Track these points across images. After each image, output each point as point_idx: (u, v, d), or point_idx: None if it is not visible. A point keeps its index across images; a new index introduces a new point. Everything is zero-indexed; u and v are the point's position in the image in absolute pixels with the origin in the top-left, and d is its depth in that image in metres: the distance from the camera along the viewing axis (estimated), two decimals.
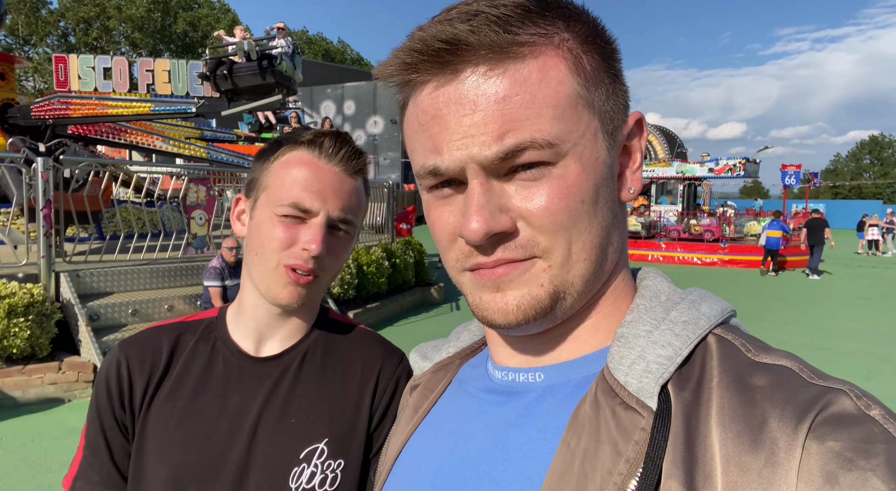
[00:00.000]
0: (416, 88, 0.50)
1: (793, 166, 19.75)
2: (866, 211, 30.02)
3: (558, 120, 0.47)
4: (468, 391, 0.61)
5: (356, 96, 34.34)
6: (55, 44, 44.53)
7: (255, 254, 0.91)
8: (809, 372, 0.44)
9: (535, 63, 0.47)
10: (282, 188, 0.89)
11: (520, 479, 0.49)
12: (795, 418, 0.40)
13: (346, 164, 0.92)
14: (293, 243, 0.88)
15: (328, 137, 0.91)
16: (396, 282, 9.65)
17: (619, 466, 0.43)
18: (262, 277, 0.90)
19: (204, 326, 0.98)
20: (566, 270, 0.49)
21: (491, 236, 0.48)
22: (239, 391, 0.91)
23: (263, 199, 0.91)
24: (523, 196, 0.48)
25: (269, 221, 0.89)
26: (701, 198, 24.94)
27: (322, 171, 0.90)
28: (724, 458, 0.40)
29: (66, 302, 5.68)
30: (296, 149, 0.91)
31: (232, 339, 0.96)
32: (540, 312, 0.50)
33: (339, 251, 0.93)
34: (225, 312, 1.00)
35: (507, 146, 0.46)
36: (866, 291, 12.74)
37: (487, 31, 0.45)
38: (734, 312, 0.54)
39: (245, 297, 0.96)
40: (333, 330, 1.02)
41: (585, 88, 0.48)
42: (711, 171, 20.97)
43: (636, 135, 0.54)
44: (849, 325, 8.94)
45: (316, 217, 0.89)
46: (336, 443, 0.91)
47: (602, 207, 0.50)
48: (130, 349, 0.94)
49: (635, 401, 0.45)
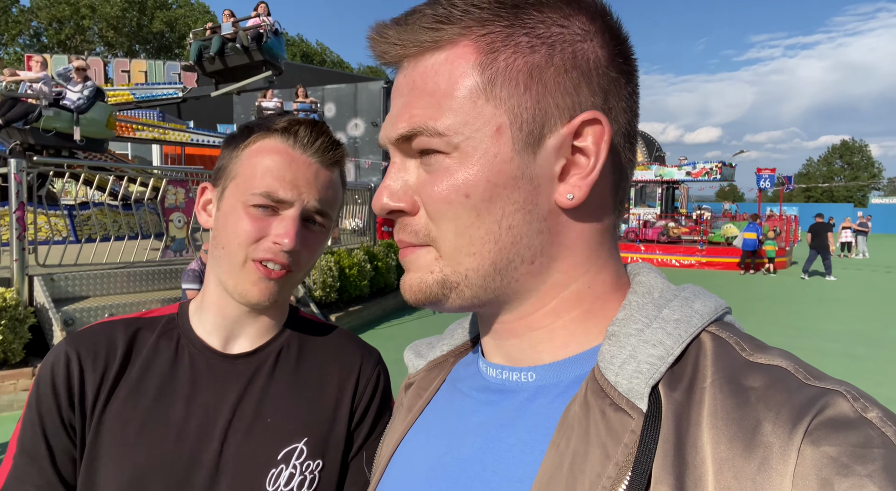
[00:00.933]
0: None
1: (767, 170, 20.16)
2: (838, 214, 30.77)
3: (454, 111, 0.48)
4: (461, 390, 0.61)
5: (336, 99, 34.19)
6: (27, 43, 43.53)
7: (222, 247, 0.85)
8: (805, 372, 0.43)
9: (444, 54, 0.49)
10: (253, 177, 0.83)
11: (509, 481, 0.48)
12: (791, 422, 0.39)
13: (323, 155, 0.87)
14: (263, 236, 0.83)
15: (303, 126, 0.86)
16: (378, 285, 9.61)
17: (608, 469, 0.42)
18: (230, 272, 0.84)
19: (164, 322, 0.91)
20: (455, 261, 0.50)
21: (391, 213, 0.52)
22: (208, 390, 0.86)
23: (232, 189, 0.85)
24: (421, 180, 0.51)
25: (238, 212, 0.83)
26: (679, 201, 25.32)
27: (296, 162, 0.85)
28: (717, 462, 0.39)
29: (39, 306, 5.54)
30: (268, 136, 0.86)
31: (198, 335, 0.89)
32: (430, 297, 0.52)
33: (314, 245, 0.88)
34: (186, 308, 0.93)
35: (400, 130, 0.50)
36: (840, 292, 13.03)
37: (419, 26, 0.49)
38: (729, 309, 0.52)
39: (210, 293, 0.90)
40: (306, 328, 0.98)
41: (491, 84, 0.47)
42: (689, 174, 21.33)
43: (589, 136, 0.48)
44: (824, 325, 9.14)
45: (289, 209, 0.83)
46: (315, 443, 0.88)
47: (503, 206, 0.48)
48: (81, 343, 0.86)
49: (625, 402, 0.44)
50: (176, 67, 14.64)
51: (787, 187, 23.51)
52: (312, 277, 7.98)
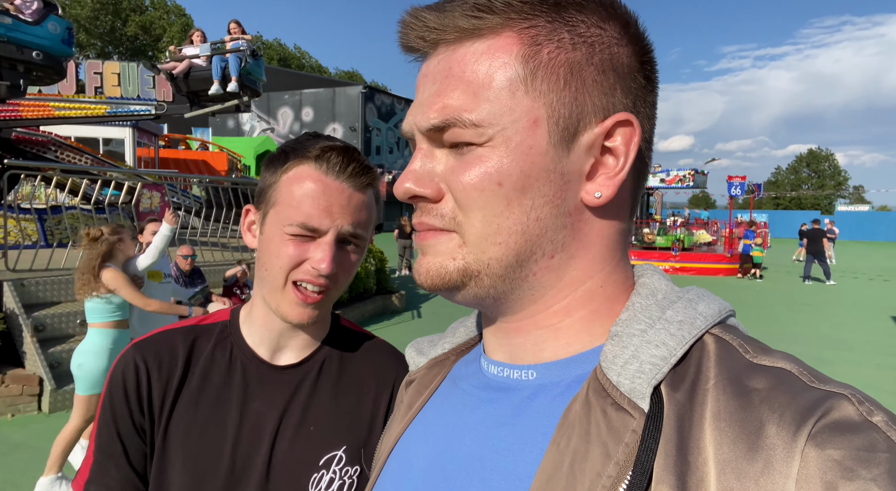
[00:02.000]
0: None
1: (738, 178, 20.63)
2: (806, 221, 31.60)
3: (490, 101, 0.48)
4: (461, 387, 0.61)
5: (314, 103, 33.96)
6: None
7: (266, 269, 0.91)
8: (810, 375, 0.43)
9: (485, 43, 0.48)
10: (290, 206, 0.88)
11: (509, 479, 0.48)
12: (794, 424, 0.38)
13: (355, 180, 0.90)
14: (303, 261, 0.88)
15: (335, 152, 0.90)
16: (357, 289, 9.57)
17: (608, 468, 0.42)
18: (272, 294, 0.90)
19: (218, 331, 0.98)
20: (480, 249, 0.50)
21: (415, 198, 0.52)
22: (259, 398, 0.92)
23: (272, 215, 0.91)
24: (451, 168, 0.50)
25: (279, 238, 0.89)
26: (653, 207, 25.74)
27: (330, 189, 0.89)
28: (719, 463, 0.39)
29: (9, 312, 5.40)
30: (303, 163, 0.90)
31: (248, 345, 0.96)
32: (447, 283, 0.52)
33: (350, 265, 0.93)
34: (238, 317, 1.00)
35: (432, 122, 0.50)
36: (807, 296, 13.36)
37: (460, 13, 0.48)
38: (733, 311, 0.52)
39: (258, 308, 0.96)
40: (347, 340, 1.04)
41: (532, 76, 0.48)
42: (663, 181, 21.71)
43: (620, 136, 0.50)
44: (791, 329, 9.39)
45: (325, 235, 0.88)
46: (353, 450, 0.93)
47: (533, 198, 0.49)
48: (148, 352, 0.93)
49: (627, 402, 0.44)
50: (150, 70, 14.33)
51: (757, 195, 24.08)
52: None
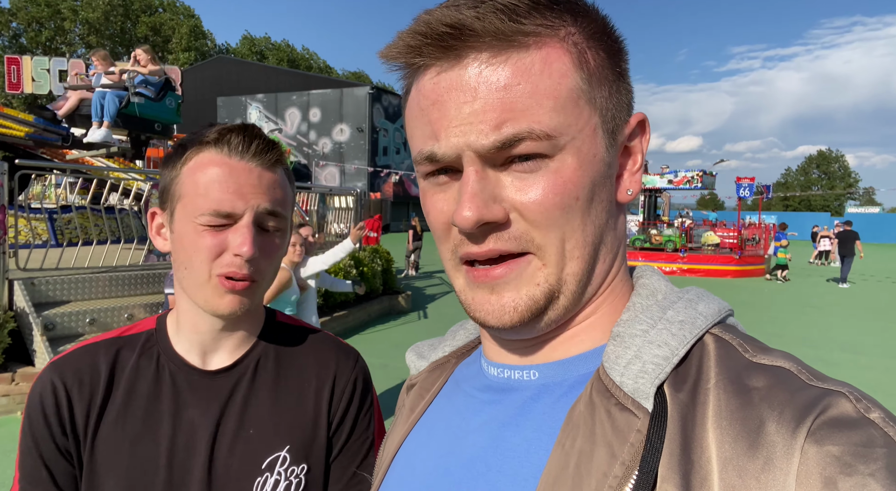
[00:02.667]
0: (419, 73, 0.50)
1: (747, 179, 20.49)
2: (816, 222, 31.38)
3: (558, 112, 0.46)
4: (464, 390, 0.61)
5: (322, 104, 34.07)
6: (5, 44, 42.80)
7: (185, 268, 0.85)
8: (808, 374, 0.43)
9: (539, 54, 0.46)
10: (197, 196, 0.83)
11: (514, 480, 0.48)
12: (794, 421, 0.39)
13: (262, 158, 0.85)
14: (223, 250, 0.83)
15: (234, 133, 0.85)
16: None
17: (614, 468, 0.42)
18: (197, 290, 0.85)
19: (143, 340, 0.93)
20: (560, 267, 0.49)
21: (482, 226, 0.47)
22: (192, 406, 0.88)
23: (180, 210, 0.85)
24: (518, 187, 0.47)
25: (192, 232, 0.83)
26: (661, 209, 25.62)
27: (236, 170, 0.84)
28: (721, 461, 0.40)
29: (20, 311, 5.45)
30: (203, 150, 0.85)
31: (177, 352, 0.91)
32: (535, 313, 0.49)
33: (273, 249, 0.89)
34: (164, 324, 0.95)
35: (504, 135, 0.45)
36: (816, 299, 13.26)
37: (493, 18, 0.44)
38: (732, 311, 0.53)
39: (184, 311, 0.91)
40: (283, 335, 0.99)
41: (588, 83, 0.48)
42: (671, 182, 21.60)
43: (638, 135, 0.53)
44: (800, 331, 9.32)
45: (241, 219, 0.83)
46: (298, 449, 0.91)
47: (597, 206, 0.49)
48: (65, 370, 0.88)
49: (631, 402, 0.44)
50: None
51: (766, 196, 23.91)
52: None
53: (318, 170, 33.53)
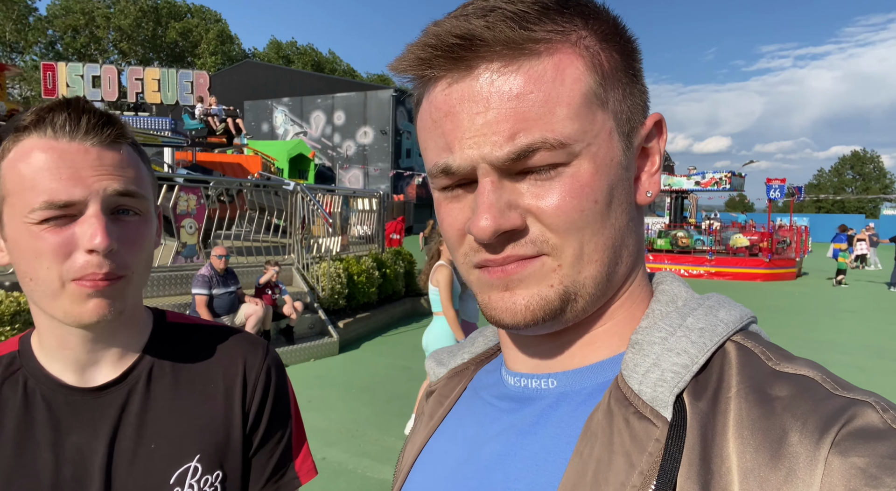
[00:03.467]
0: (430, 85, 0.49)
1: (777, 180, 20.05)
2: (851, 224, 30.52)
3: (572, 119, 0.45)
4: (482, 398, 0.61)
5: (346, 107, 34.42)
6: (42, 51, 44.23)
7: (30, 279, 0.71)
8: (833, 383, 0.42)
9: (551, 60, 0.45)
10: (24, 191, 0.69)
11: (532, 489, 0.48)
12: (818, 432, 0.38)
13: (98, 135, 0.72)
14: (71, 249, 0.70)
15: (56, 111, 0.71)
16: (386, 292, 9.64)
17: (632, 478, 0.42)
18: (51, 302, 0.72)
19: (4, 366, 0.80)
20: (577, 270, 0.48)
21: (500, 235, 0.47)
22: (76, 431, 0.77)
23: (8, 213, 0.71)
24: (534, 194, 0.47)
25: (28, 235, 0.70)
26: (687, 211, 25.23)
27: (67, 153, 0.70)
28: (742, 472, 0.39)
29: None
30: (21, 138, 0.71)
31: (48, 373, 0.78)
32: (549, 313, 0.48)
33: (137, 237, 0.75)
34: (28, 344, 0.82)
35: (518, 146, 0.45)
36: (850, 303, 12.90)
37: (503, 26, 0.44)
38: (754, 317, 0.52)
39: (44, 328, 0.78)
40: (179, 335, 0.89)
41: (602, 87, 0.47)
42: (698, 184, 21.25)
43: (655, 136, 0.52)
44: (834, 336, 9.06)
45: (86, 208, 0.70)
46: (210, 456, 0.83)
47: (616, 209, 0.49)
48: None
49: (650, 410, 0.44)
50: (189, 75, 14.72)
51: (798, 198, 23.37)
52: (321, 283, 8.04)
53: (342, 172, 33.87)
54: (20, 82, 36.79)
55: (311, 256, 8.53)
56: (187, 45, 50.16)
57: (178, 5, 50.10)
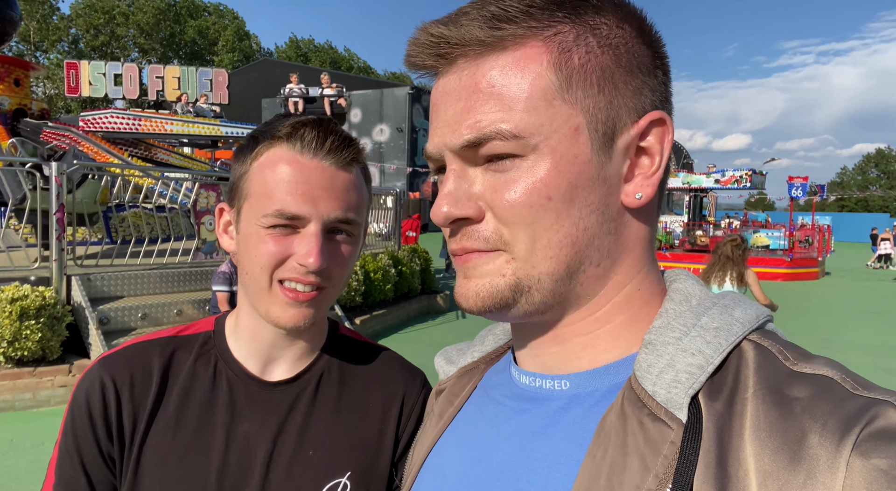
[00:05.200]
0: (434, 80, 0.53)
1: (799, 178, 19.70)
2: (873, 224, 29.90)
3: (528, 112, 0.46)
4: (493, 397, 0.60)
5: (363, 104, 34.52)
6: (65, 50, 44.96)
7: (247, 273, 0.79)
8: (853, 382, 0.41)
9: (513, 55, 0.47)
10: (264, 195, 0.76)
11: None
12: (838, 433, 0.37)
13: (336, 156, 0.78)
14: (286, 256, 0.76)
15: (309, 128, 0.77)
16: (402, 289, 9.66)
17: (647, 481, 0.41)
18: (259, 298, 0.79)
19: (200, 343, 0.86)
20: (530, 265, 0.49)
21: (454, 222, 0.50)
22: (248, 420, 0.81)
23: (247, 210, 0.79)
24: (490, 186, 0.49)
25: (256, 235, 0.77)
26: (707, 209, 24.92)
27: (307, 169, 0.76)
28: (761, 474, 0.38)
29: (76, 305, 5.71)
30: (274, 145, 0.78)
31: (235, 358, 0.84)
32: (499, 302, 0.49)
33: (345, 257, 0.81)
34: (223, 326, 0.88)
35: (470, 137, 0.48)
36: (875, 304, 12.65)
37: (481, 23, 0.47)
38: (770, 316, 0.51)
39: (244, 316, 0.85)
40: (347, 349, 0.92)
41: (567, 83, 0.47)
42: (718, 182, 20.96)
43: (655, 136, 0.50)
44: (858, 337, 8.90)
45: (309, 224, 0.76)
46: (359, 476, 0.83)
47: (580, 208, 0.48)
48: (116, 368, 0.80)
49: (664, 412, 0.43)
50: (208, 74, 14.88)
51: (820, 196, 22.95)
52: None
53: None
54: (44, 80, 37.47)
55: None
56: (205, 43, 50.68)
57: (196, 3, 50.65)
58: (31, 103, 9.72)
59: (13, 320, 4.92)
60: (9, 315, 4.91)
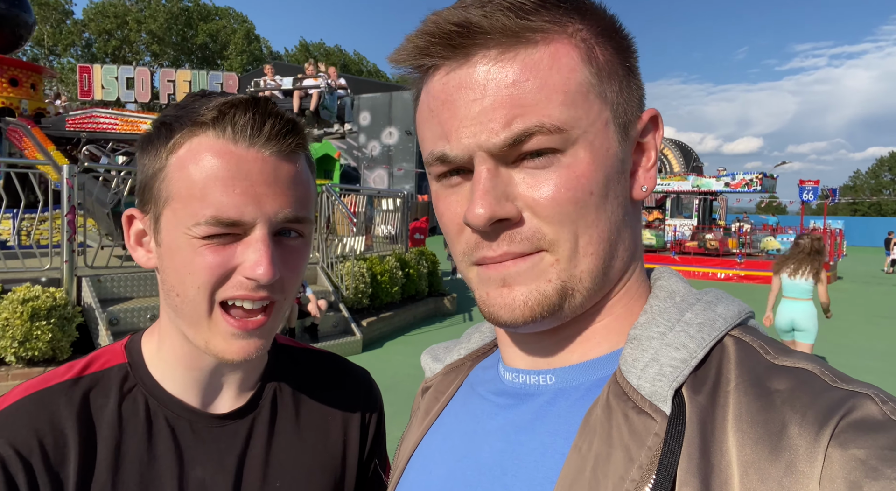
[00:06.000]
0: (429, 75, 0.50)
1: (811, 182, 19.55)
2: (888, 228, 29.56)
3: (568, 106, 0.46)
4: (479, 394, 0.60)
5: (371, 107, 34.66)
6: (78, 54, 45.51)
7: (177, 294, 0.64)
8: (832, 375, 0.42)
9: (547, 49, 0.46)
10: (191, 198, 0.62)
11: (530, 484, 0.48)
12: (817, 424, 0.38)
13: (279, 144, 0.63)
14: (229, 270, 0.63)
15: (240, 110, 0.62)
16: (409, 291, 9.67)
17: (631, 472, 0.42)
18: (196, 326, 0.65)
19: (118, 380, 0.69)
20: (573, 264, 0.48)
21: (495, 224, 0.47)
22: (201, 464, 0.70)
23: (169, 217, 0.64)
24: (530, 184, 0.47)
25: (188, 247, 0.62)
26: (717, 213, 24.76)
27: (245, 162, 0.62)
28: (742, 465, 0.39)
29: (87, 306, 5.77)
30: (196, 134, 0.63)
31: (170, 393, 0.70)
32: (548, 309, 0.48)
33: (297, 261, 0.68)
34: (140, 354, 0.72)
35: (514, 132, 0.45)
36: (887, 309, 12.50)
37: (500, 15, 0.45)
38: (752, 313, 0.52)
39: (174, 343, 0.70)
40: (294, 360, 0.83)
41: (597, 78, 0.48)
42: (728, 185, 20.84)
43: (651, 131, 0.53)
44: (868, 342, 8.79)
45: (253, 229, 0.63)
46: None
47: (612, 202, 0.49)
48: (15, 434, 0.62)
49: (648, 405, 0.44)
50: (219, 77, 14.99)
51: (832, 200, 22.74)
52: (345, 282, 8.10)
53: (367, 172, 34.13)
54: (57, 83, 37.93)
55: (335, 256, 8.61)
56: (216, 47, 51.13)
57: (207, 7, 51.13)
58: (26, 102, 9.87)
59: (24, 321, 4.98)
60: (20, 315, 4.97)
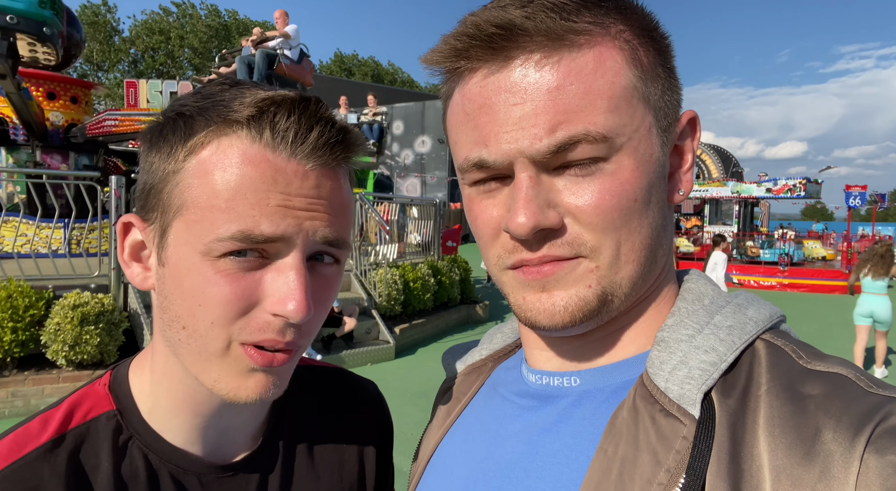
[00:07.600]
0: (464, 76, 0.48)
1: (857, 187, 18.81)
2: None
3: (613, 112, 0.44)
4: (501, 395, 0.60)
5: (405, 116, 35.01)
6: (125, 69, 47.39)
7: (183, 327, 0.53)
8: (867, 381, 0.42)
9: (592, 53, 0.44)
10: (213, 209, 0.50)
11: (554, 487, 0.48)
12: (852, 430, 0.37)
13: (326, 156, 0.53)
14: (252, 305, 0.51)
15: (283, 108, 0.51)
16: (442, 299, 9.69)
17: (658, 475, 0.41)
18: (204, 364, 0.53)
19: (109, 433, 0.58)
20: (614, 271, 0.47)
21: (537, 232, 0.46)
22: None
23: (180, 229, 0.52)
24: (573, 192, 0.45)
25: (199, 271, 0.51)
26: (759, 219, 24.05)
27: (283, 174, 0.51)
28: (774, 470, 0.38)
29: (133, 312, 5.98)
30: (226, 134, 0.51)
31: (173, 445, 0.59)
32: (587, 314, 0.47)
33: (328, 294, 0.57)
34: (130, 398, 0.60)
35: (559, 139, 0.44)
36: None
37: (543, 16, 0.43)
38: (784, 317, 0.51)
39: (173, 384, 0.58)
40: (301, 385, 0.72)
41: (642, 81, 0.46)
42: (769, 191, 20.23)
43: (689, 135, 0.52)
44: None
45: (286, 252, 0.52)
46: None
47: (653, 207, 0.48)
48: None
49: (676, 408, 0.43)
50: None
51: (881, 205, 21.83)
52: (378, 289, 8.18)
53: (400, 180, 34.42)
54: (105, 98, 39.52)
55: (368, 263, 8.70)
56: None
57: (245, 22, 52.60)
58: (86, 119, 10.26)
59: (74, 325, 5.19)
60: (70, 320, 5.18)
